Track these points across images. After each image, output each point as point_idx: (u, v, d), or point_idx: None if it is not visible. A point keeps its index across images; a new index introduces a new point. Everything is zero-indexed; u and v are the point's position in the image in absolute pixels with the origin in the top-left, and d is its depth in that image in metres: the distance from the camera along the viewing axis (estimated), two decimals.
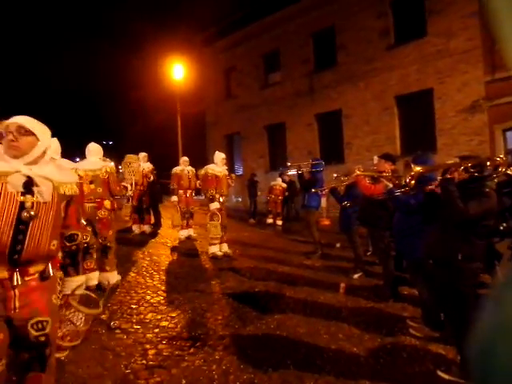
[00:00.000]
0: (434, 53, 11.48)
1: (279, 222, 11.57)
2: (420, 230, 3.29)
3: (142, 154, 8.19)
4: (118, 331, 3.59)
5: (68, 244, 2.06)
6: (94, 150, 4.79)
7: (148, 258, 6.34)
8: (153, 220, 8.99)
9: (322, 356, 3.16)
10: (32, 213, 1.72)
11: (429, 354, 3.22)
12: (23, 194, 1.73)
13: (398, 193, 3.59)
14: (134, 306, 4.25)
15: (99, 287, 4.55)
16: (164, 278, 5.36)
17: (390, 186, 3.76)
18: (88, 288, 2.51)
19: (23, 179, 1.74)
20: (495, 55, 10.35)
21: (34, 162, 1.80)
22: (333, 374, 2.87)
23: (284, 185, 12.09)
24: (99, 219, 4.70)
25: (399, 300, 4.43)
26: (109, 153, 6.75)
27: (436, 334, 3.49)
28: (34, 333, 1.78)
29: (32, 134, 1.79)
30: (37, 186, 1.77)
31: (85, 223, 2.78)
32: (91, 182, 4.62)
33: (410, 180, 2.81)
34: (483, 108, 10.63)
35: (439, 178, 3.08)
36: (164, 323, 3.81)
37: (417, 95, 11.97)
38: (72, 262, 2.10)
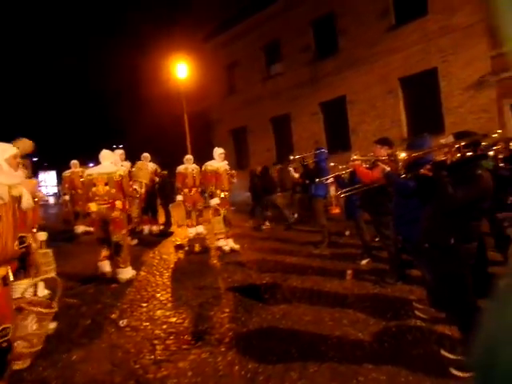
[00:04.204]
0: (436, 30, 11.22)
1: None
2: (419, 213, 3.26)
3: (145, 155, 8.31)
4: (127, 329, 3.69)
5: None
6: (105, 155, 5.36)
7: (158, 257, 6.46)
8: (163, 219, 9.12)
9: (326, 342, 3.19)
10: None
11: (434, 334, 3.21)
12: None
13: (396, 175, 3.55)
14: (144, 304, 4.36)
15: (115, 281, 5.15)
16: (173, 275, 5.47)
17: (388, 169, 3.71)
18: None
19: None
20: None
21: None
22: (336, 360, 2.90)
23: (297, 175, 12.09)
24: (112, 219, 5.07)
25: (407, 283, 4.41)
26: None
27: (442, 315, 3.47)
28: None
29: None
30: None
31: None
32: (106, 184, 5.10)
33: (402, 166, 2.81)
34: (490, 83, 10.36)
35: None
36: (172, 319, 3.90)
37: (421, 76, 11.74)
38: (22, 265, 2.11)
